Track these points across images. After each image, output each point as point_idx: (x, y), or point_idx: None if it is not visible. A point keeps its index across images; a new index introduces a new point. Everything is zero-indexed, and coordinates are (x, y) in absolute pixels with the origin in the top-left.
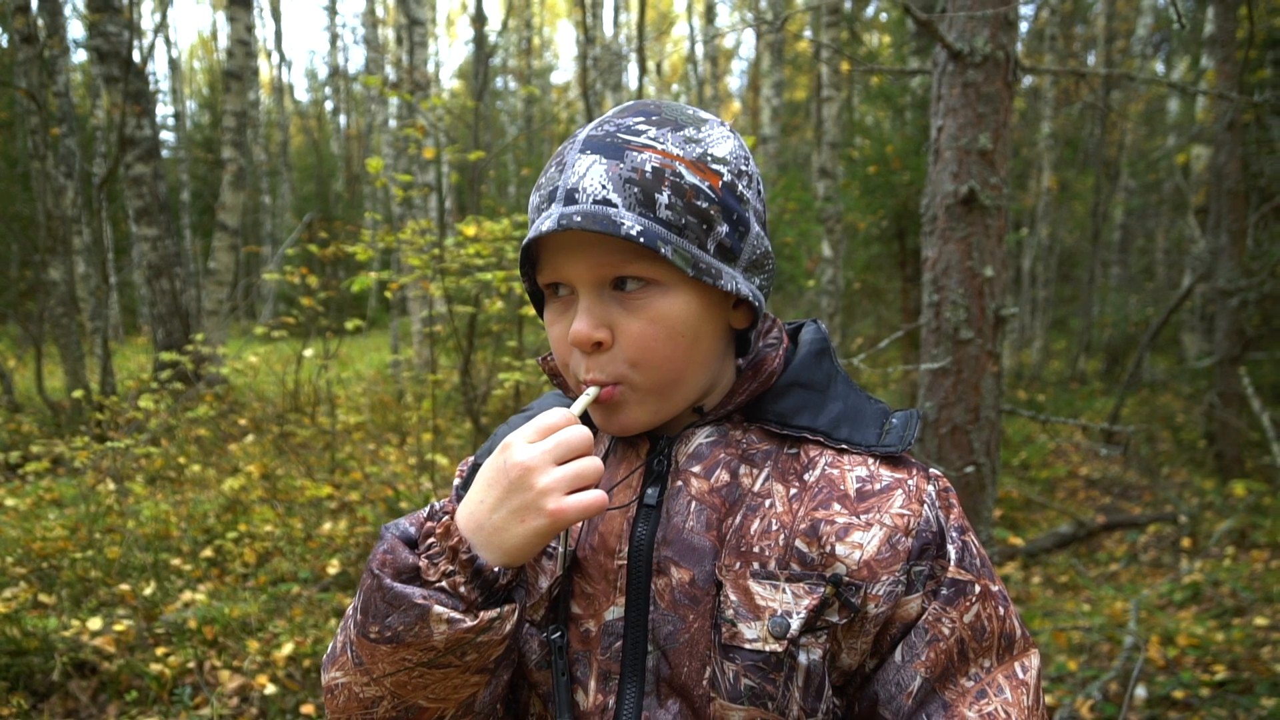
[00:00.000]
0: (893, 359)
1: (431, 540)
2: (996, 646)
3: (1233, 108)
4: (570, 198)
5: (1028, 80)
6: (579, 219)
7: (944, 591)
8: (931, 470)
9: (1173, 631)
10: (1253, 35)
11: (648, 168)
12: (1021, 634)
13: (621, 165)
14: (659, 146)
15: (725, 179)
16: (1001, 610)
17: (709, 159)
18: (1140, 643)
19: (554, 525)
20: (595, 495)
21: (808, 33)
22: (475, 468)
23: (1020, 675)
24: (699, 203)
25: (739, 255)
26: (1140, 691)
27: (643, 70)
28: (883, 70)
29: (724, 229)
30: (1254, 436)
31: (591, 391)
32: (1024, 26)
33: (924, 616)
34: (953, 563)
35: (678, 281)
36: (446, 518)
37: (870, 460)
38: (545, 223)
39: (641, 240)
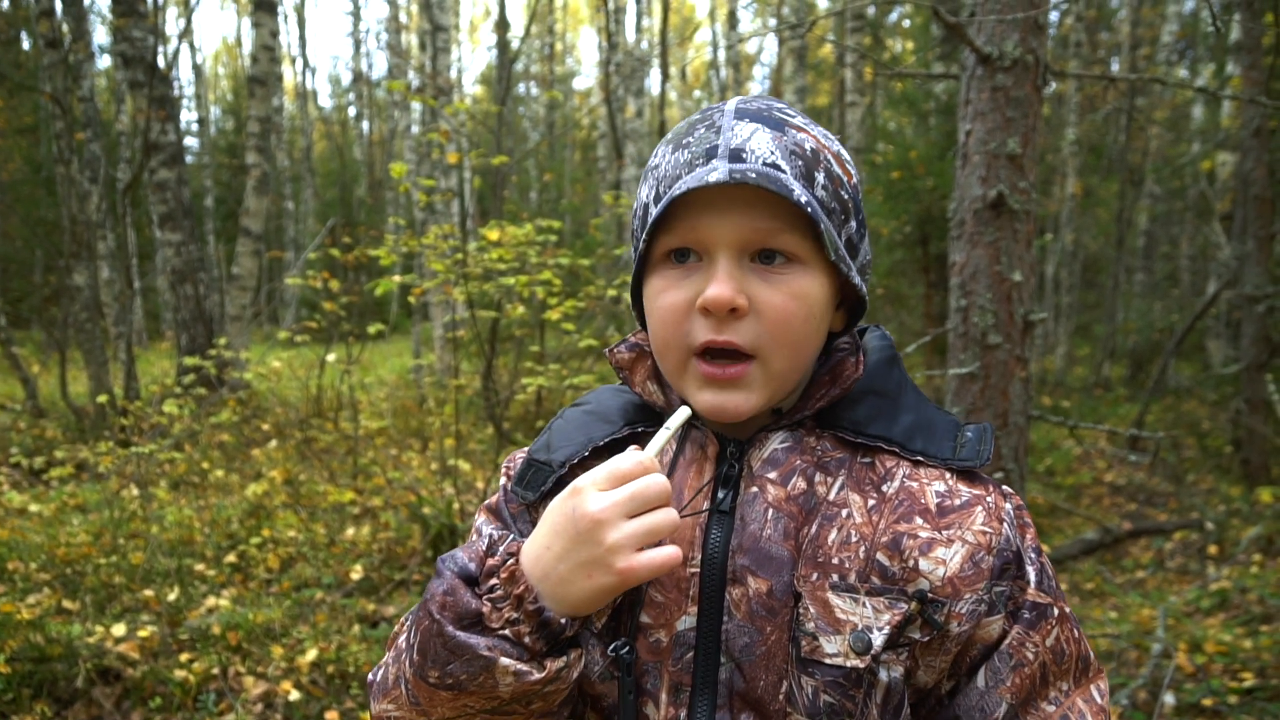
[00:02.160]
0: (915, 364)
1: (494, 582)
2: (1074, 669)
3: (1260, 113)
4: (737, 156)
5: (1051, 86)
6: (754, 175)
7: (1025, 614)
8: (1004, 487)
9: (1200, 639)
10: None
11: (807, 146)
12: (1093, 657)
13: (784, 138)
14: (812, 131)
15: (855, 179)
16: (1076, 633)
17: (843, 157)
18: (1169, 649)
19: (622, 584)
20: (667, 553)
21: (831, 38)
22: (528, 464)
23: (1097, 699)
24: (842, 193)
25: (857, 255)
26: (1169, 699)
27: (665, 76)
28: (908, 74)
29: (853, 225)
30: None
31: (680, 416)
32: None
33: (1007, 640)
34: (1033, 585)
35: (817, 263)
36: (511, 560)
37: (947, 474)
38: (712, 175)
39: (809, 210)
